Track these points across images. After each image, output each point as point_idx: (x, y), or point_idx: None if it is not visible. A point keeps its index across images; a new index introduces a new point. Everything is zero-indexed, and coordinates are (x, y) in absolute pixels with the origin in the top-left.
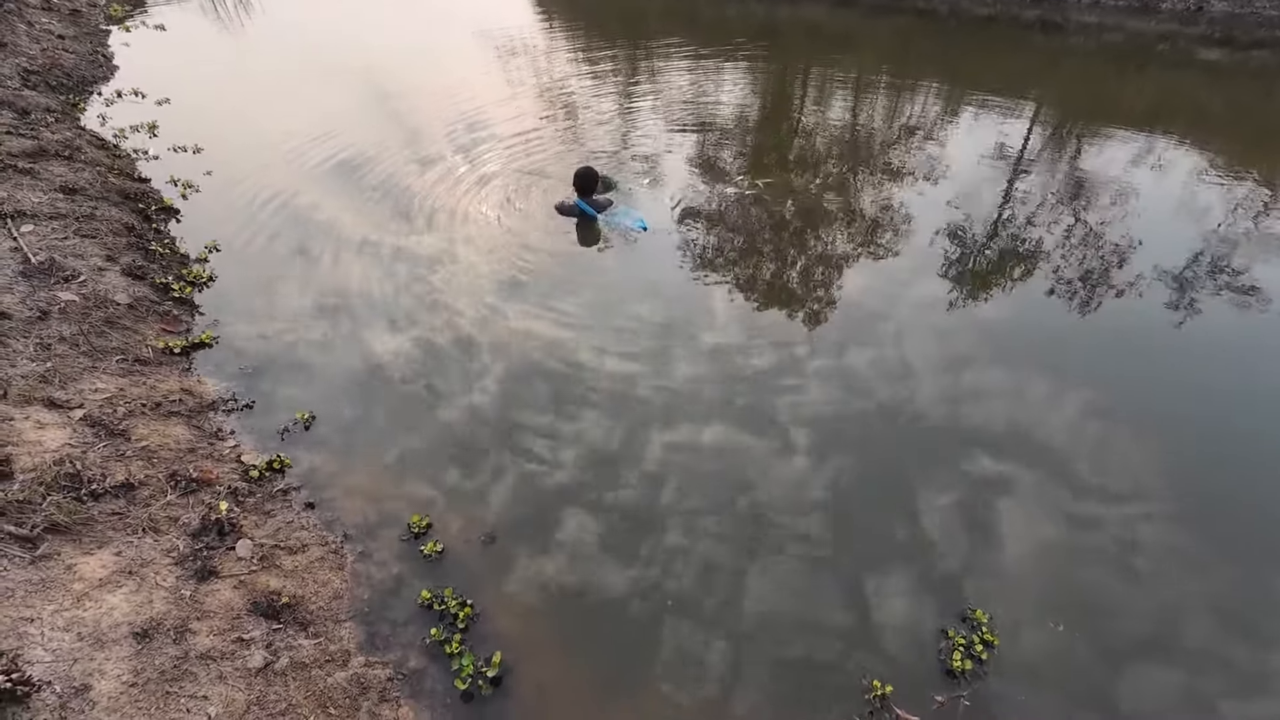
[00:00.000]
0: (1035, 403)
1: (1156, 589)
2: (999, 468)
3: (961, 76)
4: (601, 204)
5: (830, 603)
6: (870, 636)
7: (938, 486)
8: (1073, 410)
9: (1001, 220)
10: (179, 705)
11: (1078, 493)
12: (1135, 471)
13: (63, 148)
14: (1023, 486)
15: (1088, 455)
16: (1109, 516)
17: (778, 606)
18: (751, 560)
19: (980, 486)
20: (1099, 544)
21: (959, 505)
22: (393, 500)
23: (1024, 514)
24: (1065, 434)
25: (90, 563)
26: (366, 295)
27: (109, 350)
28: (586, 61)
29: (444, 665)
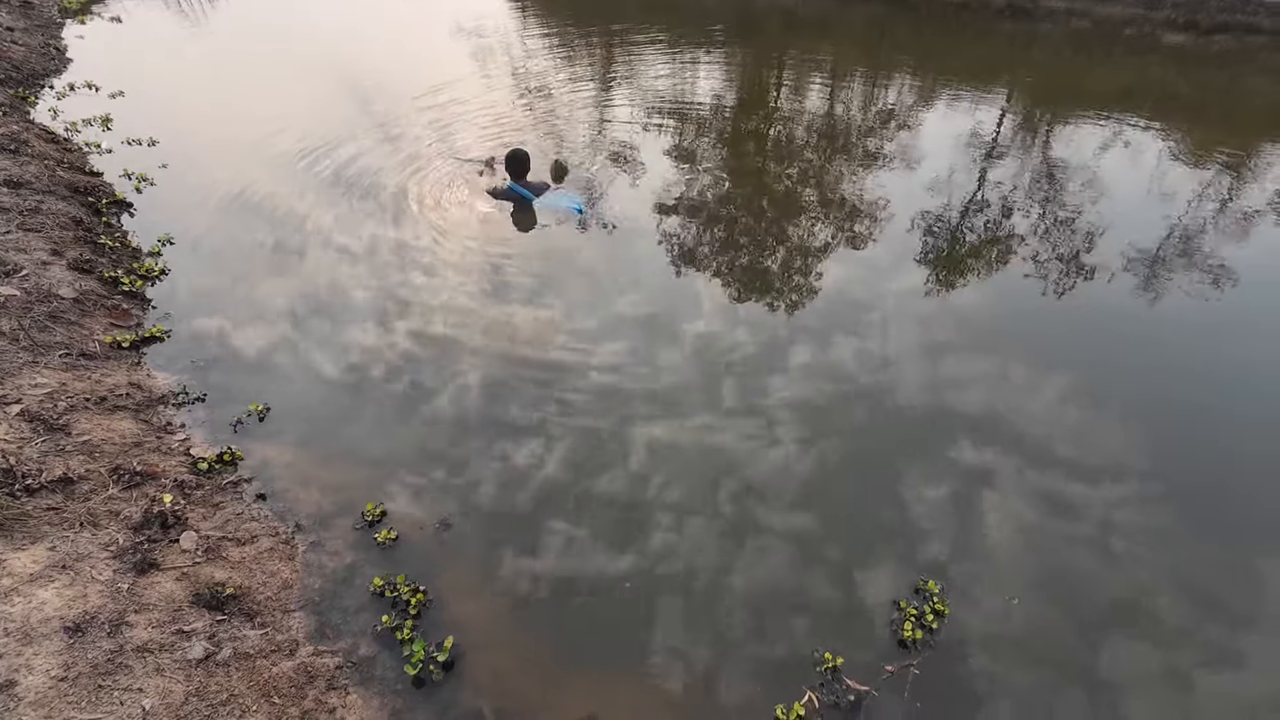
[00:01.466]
0: (1012, 386)
1: (1124, 565)
2: (974, 451)
3: (934, 64)
4: (536, 186)
5: (785, 579)
6: (824, 611)
7: (910, 469)
8: (1048, 392)
9: (977, 207)
10: (112, 698)
11: (1045, 470)
12: (1109, 452)
13: (8, 141)
14: (997, 467)
15: (1059, 435)
16: (1080, 495)
17: (732, 584)
18: (713, 543)
19: (953, 467)
20: (1067, 524)
21: (929, 486)
22: (348, 490)
23: (995, 494)
24: (1037, 414)
25: (21, 558)
26: (325, 288)
27: (51, 345)
28: (560, 48)
29: (395, 652)
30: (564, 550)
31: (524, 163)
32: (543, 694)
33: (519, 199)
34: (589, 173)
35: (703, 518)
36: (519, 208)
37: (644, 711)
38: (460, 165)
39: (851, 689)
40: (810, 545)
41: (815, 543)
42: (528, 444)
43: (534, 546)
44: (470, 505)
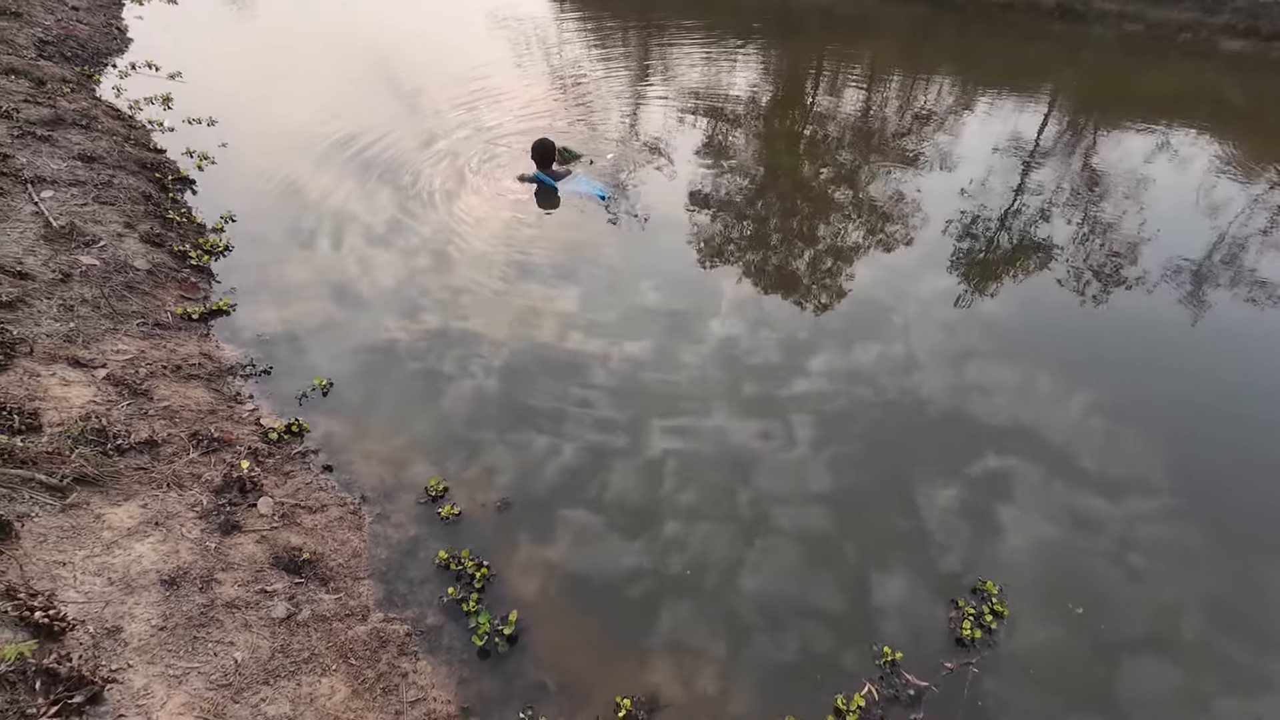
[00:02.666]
0: (1042, 396)
1: (1162, 584)
2: (1007, 459)
3: (977, 65)
4: (560, 174)
5: (841, 577)
6: (881, 607)
7: (948, 472)
8: (1080, 405)
9: (1014, 212)
10: (206, 649)
11: (1088, 483)
12: (1143, 467)
13: (80, 117)
14: (1030, 476)
15: (1096, 449)
16: (1116, 513)
17: (790, 577)
18: (764, 533)
19: (989, 476)
20: (1103, 539)
21: (969, 489)
22: (408, 466)
23: (1032, 500)
24: (1072, 427)
25: (118, 513)
26: (379, 272)
27: (129, 314)
28: (597, 42)
29: (461, 623)
30: (624, 535)
31: (549, 151)
32: (602, 671)
33: (544, 186)
34: (608, 159)
35: (757, 510)
36: (544, 193)
37: (702, 693)
38: (494, 153)
39: (911, 683)
40: (864, 542)
41: (868, 539)
42: (590, 430)
43: (594, 530)
44: (530, 486)
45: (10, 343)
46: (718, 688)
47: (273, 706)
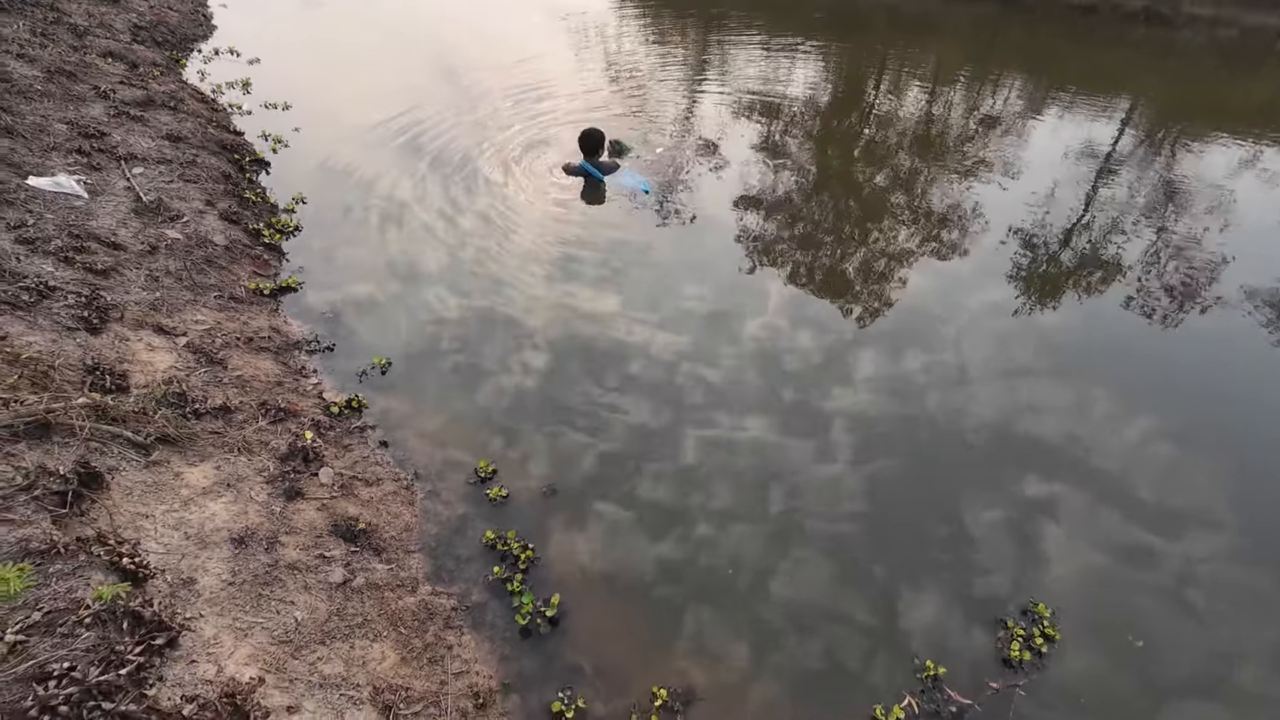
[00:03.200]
0: (1101, 419)
1: (1223, 626)
2: (1059, 481)
3: (1049, 69)
4: (607, 166)
5: (882, 587)
6: (925, 621)
7: (996, 490)
8: (1141, 430)
9: (1081, 224)
10: (270, 607)
11: (1146, 513)
12: (1207, 500)
13: (168, 99)
14: (1084, 501)
15: (1156, 477)
16: (1176, 547)
17: (829, 584)
18: (804, 539)
19: (1040, 498)
20: (1161, 573)
21: (1017, 510)
22: (459, 447)
23: (1085, 525)
24: (1132, 453)
25: (194, 473)
26: (435, 258)
27: (208, 286)
28: (655, 36)
29: (504, 602)
30: (667, 529)
31: (597, 142)
32: (639, 660)
33: (589, 177)
34: (657, 153)
35: (798, 517)
36: (589, 185)
37: (737, 692)
38: (544, 143)
39: (953, 700)
40: (907, 554)
41: (912, 552)
42: (635, 428)
43: (636, 523)
44: (576, 476)
45: (105, 308)
46: (753, 688)
47: (328, 666)
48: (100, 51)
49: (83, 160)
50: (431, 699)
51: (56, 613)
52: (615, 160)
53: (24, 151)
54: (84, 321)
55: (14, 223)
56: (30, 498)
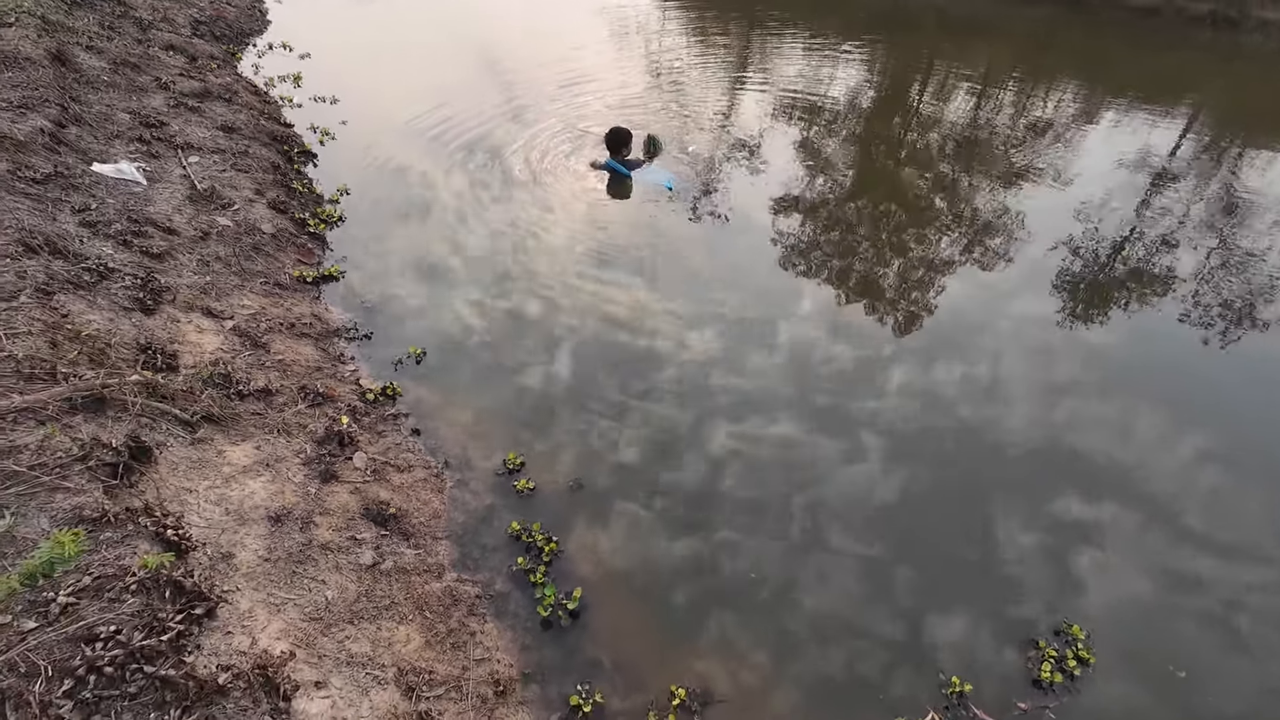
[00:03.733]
0: (1146, 439)
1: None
2: (1101, 502)
3: (1105, 74)
4: (633, 163)
5: (909, 600)
6: (952, 636)
7: (1033, 508)
8: (1190, 452)
9: (1133, 235)
10: (302, 584)
11: (1192, 540)
12: (1258, 529)
13: (224, 91)
14: (1126, 524)
15: (1204, 503)
16: (1223, 576)
17: (854, 595)
18: (831, 548)
19: (1080, 518)
20: (1206, 603)
21: (1054, 529)
22: (489, 438)
23: (1126, 549)
24: (1179, 476)
25: (236, 451)
26: (472, 254)
27: (255, 272)
28: (698, 36)
29: (527, 593)
30: (691, 531)
31: (624, 140)
32: (658, 659)
33: (615, 174)
34: (690, 151)
35: (826, 525)
36: (615, 181)
37: (756, 697)
38: (584, 141)
39: (979, 718)
40: (937, 567)
41: (942, 565)
42: (665, 428)
43: (661, 523)
44: (603, 473)
45: (159, 290)
46: (772, 694)
47: (355, 645)
48: (162, 44)
49: (143, 148)
50: (453, 683)
51: (105, 578)
52: (640, 157)
53: (90, 139)
54: (139, 302)
55: (79, 206)
56: (85, 468)
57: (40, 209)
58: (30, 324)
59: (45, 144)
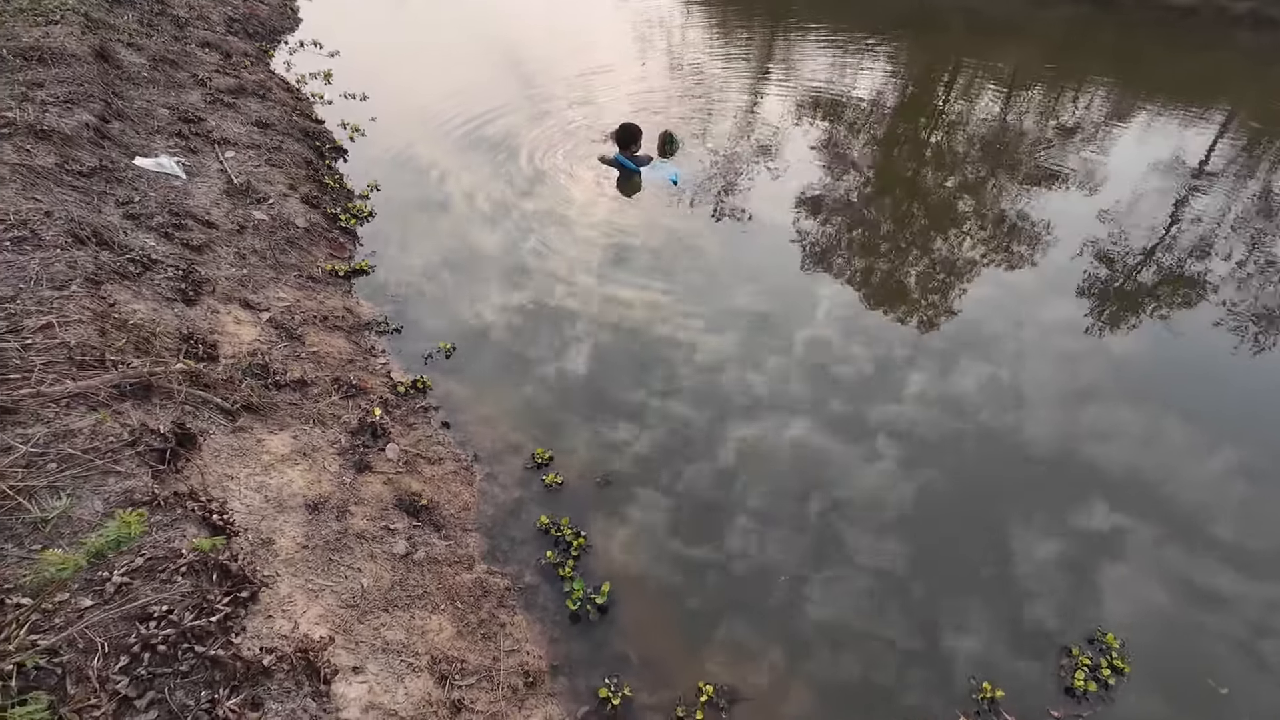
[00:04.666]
0: (1175, 450)
1: None
2: (1128, 512)
3: (1139, 75)
4: (641, 159)
5: (938, 605)
6: (982, 642)
7: (1057, 517)
8: (1222, 464)
9: (1165, 241)
10: (339, 571)
11: (1221, 552)
12: None
13: (258, 87)
14: (1153, 534)
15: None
16: (1257, 592)
17: (883, 599)
18: (858, 551)
19: (1106, 528)
20: (1237, 619)
21: (1078, 539)
22: (517, 433)
23: (1153, 559)
24: (1209, 487)
25: (274, 441)
26: (500, 249)
27: (289, 266)
28: (720, 34)
29: (555, 586)
30: (720, 530)
31: (633, 136)
32: (684, 656)
33: (623, 169)
34: (703, 148)
35: (853, 529)
36: (624, 177)
37: (783, 697)
38: (606, 138)
39: None
40: (964, 572)
41: (969, 570)
42: (694, 428)
43: (691, 520)
44: (631, 470)
45: (199, 282)
46: (798, 695)
47: (390, 632)
48: (198, 41)
49: (182, 143)
50: (485, 673)
51: (156, 560)
52: (649, 154)
53: (132, 134)
54: (181, 293)
55: (122, 199)
56: (134, 453)
57: (86, 201)
58: (81, 312)
59: (90, 138)
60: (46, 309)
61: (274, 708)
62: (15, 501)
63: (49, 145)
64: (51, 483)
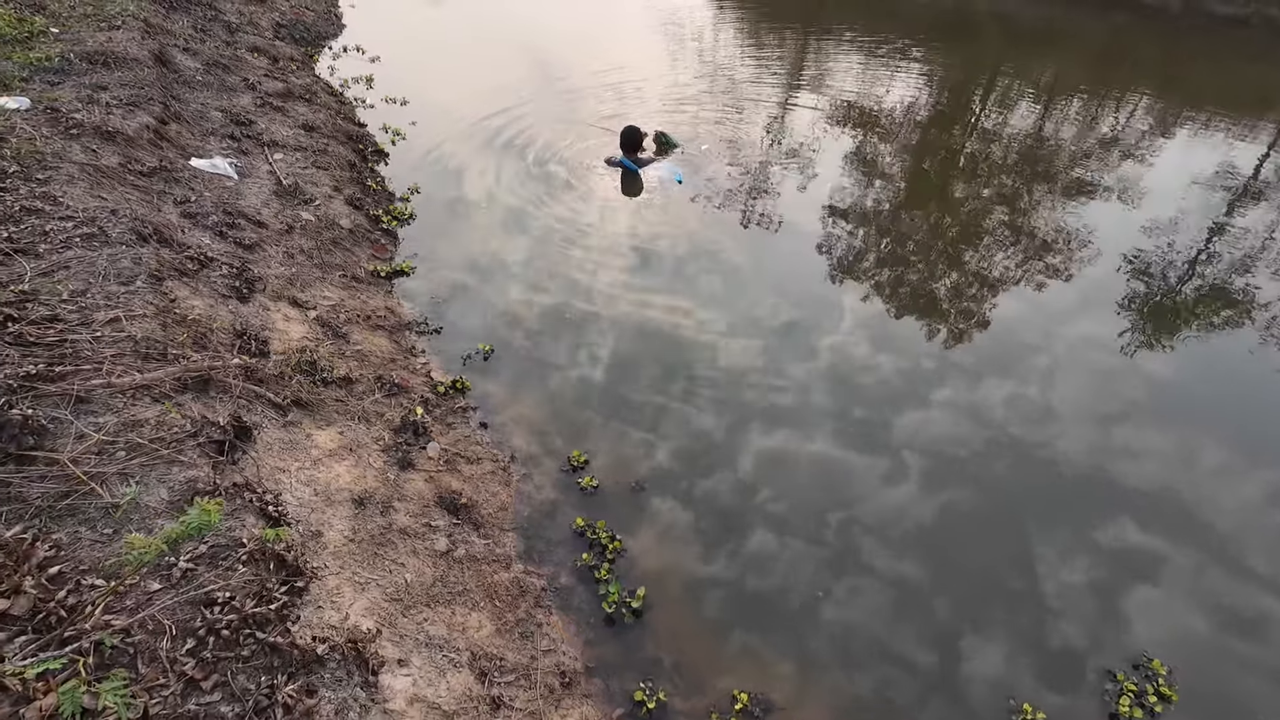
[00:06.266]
0: (1213, 473)
1: None
2: (1163, 536)
3: (1184, 86)
4: (644, 161)
5: (978, 625)
6: (1023, 663)
7: (1091, 538)
8: (1260, 490)
9: (1208, 256)
10: (383, 565)
11: (1260, 581)
12: None
13: (304, 91)
14: (1188, 561)
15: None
16: None
17: (921, 618)
18: (896, 570)
19: (1139, 552)
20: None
21: (1111, 562)
22: (554, 435)
23: (1187, 585)
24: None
25: (322, 436)
26: (540, 252)
27: (334, 265)
28: (752, 45)
29: (590, 588)
30: (757, 541)
31: (637, 139)
32: (718, 663)
33: (627, 171)
34: (703, 150)
35: (899, 544)
36: (627, 178)
37: (819, 710)
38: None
39: None
40: (1015, 592)
41: (1020, 590)
42: (736, 432)
43: (727, 529)
44: (667, 475)
45: (252, 280)
46: (834, 709)
47: (432, 627)
48: (248, 46)
49: (234, 145)
50: (522, 671)
51: (219, 548)
52: (651, 155)
53: (188, 136)
54: (235, 290)
55: (180, 198)
56: (196, 443)
57: (147, 200)
58: (145, 307)
59: (150, 139)
60: (114, 303)
61: (327, 695)
62: (89, 487)
63: (113, 146)
64: (121, 470)
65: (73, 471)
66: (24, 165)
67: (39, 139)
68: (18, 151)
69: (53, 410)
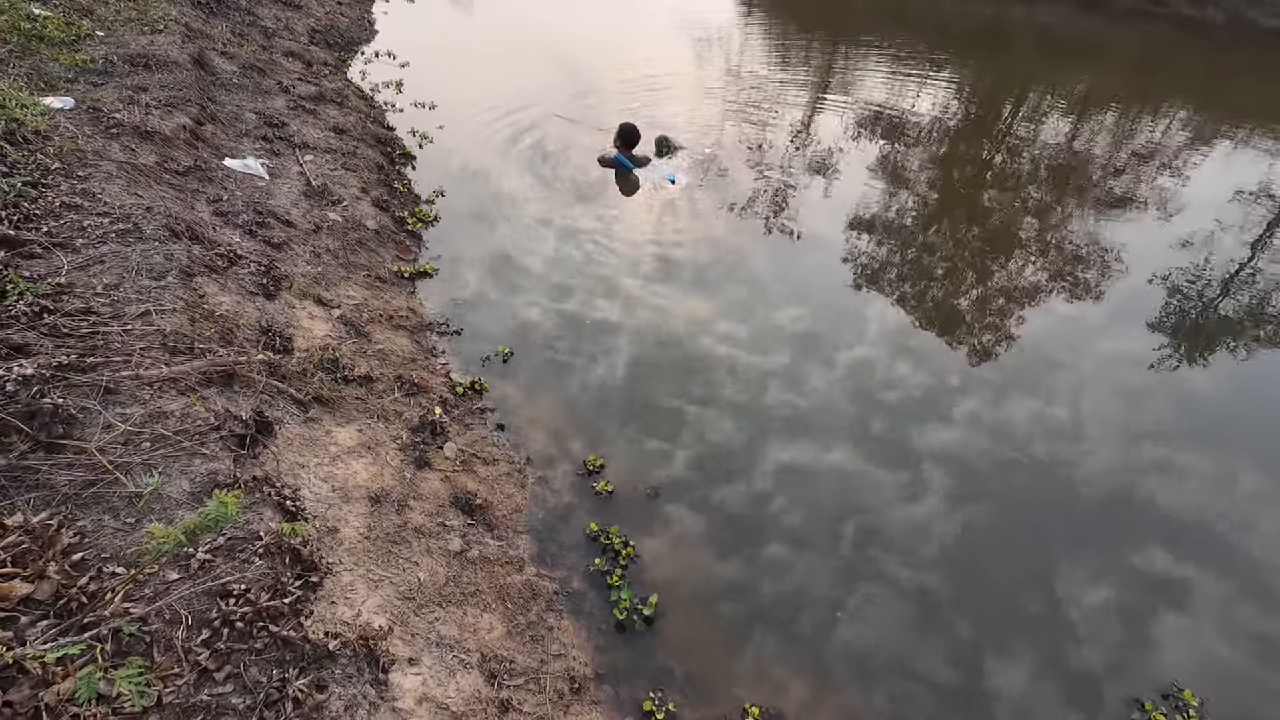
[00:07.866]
0: (1243, 498)
1: None
2: (1197, 562)
3: (1224, 99)
4: (639, 160)
5: (1010, 649)
6: (1048, 689)
7: (1119, 560)
8: None
9: (1247, 273)
10: (397, 563)
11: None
12: None
13: (336, 95)
14: (1225, 589)
15: None
16: None
17: (950, 638)
18: (924, 589)
19: (1175, 578)
20: None
21: (1142, 587)
22: (570, 439)
23: (1223, 615)
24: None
25: (341, 433)
26: (561, 258)
27: (358, 265)
28: (778, 49)
29: (602, 594)
30: (772, 554)
31: (633, 136)
32: (729, 675)
33: (621, 168)
34: (706, 152)
35: (919, 563)
36: (622, 174)
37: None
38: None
39: None
40: (1043, 618)
41: (1048, 616)
42: (753, 443)
43: (740, 540)
44: (681, 483)
45: (279, 278)
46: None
47: (444, 627)
48: (284, 51)
49: (266, 146)
50: (532, 675)
51: (236, 540)
52: (648, 155)
53: (223, 136)
54: (262, 288)
55: (213, 197)
56: (218, 437)
57: (181, 198)
58: (174, 302)
59: (186, 139)
60: (145, 297)
61: (337, 691)
62: (114, 476)
63: (151, 145)
64: (145, 460)
65: (99, 460)
66: (65, 163)
67: (81, 137)
68: (60, 149)
69: (82, 400)
